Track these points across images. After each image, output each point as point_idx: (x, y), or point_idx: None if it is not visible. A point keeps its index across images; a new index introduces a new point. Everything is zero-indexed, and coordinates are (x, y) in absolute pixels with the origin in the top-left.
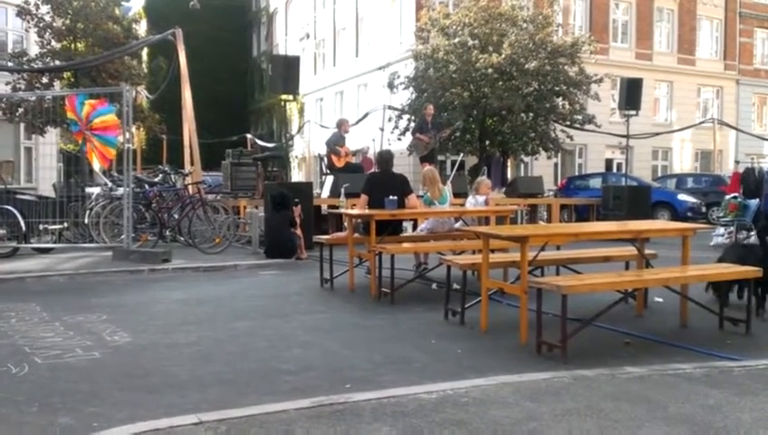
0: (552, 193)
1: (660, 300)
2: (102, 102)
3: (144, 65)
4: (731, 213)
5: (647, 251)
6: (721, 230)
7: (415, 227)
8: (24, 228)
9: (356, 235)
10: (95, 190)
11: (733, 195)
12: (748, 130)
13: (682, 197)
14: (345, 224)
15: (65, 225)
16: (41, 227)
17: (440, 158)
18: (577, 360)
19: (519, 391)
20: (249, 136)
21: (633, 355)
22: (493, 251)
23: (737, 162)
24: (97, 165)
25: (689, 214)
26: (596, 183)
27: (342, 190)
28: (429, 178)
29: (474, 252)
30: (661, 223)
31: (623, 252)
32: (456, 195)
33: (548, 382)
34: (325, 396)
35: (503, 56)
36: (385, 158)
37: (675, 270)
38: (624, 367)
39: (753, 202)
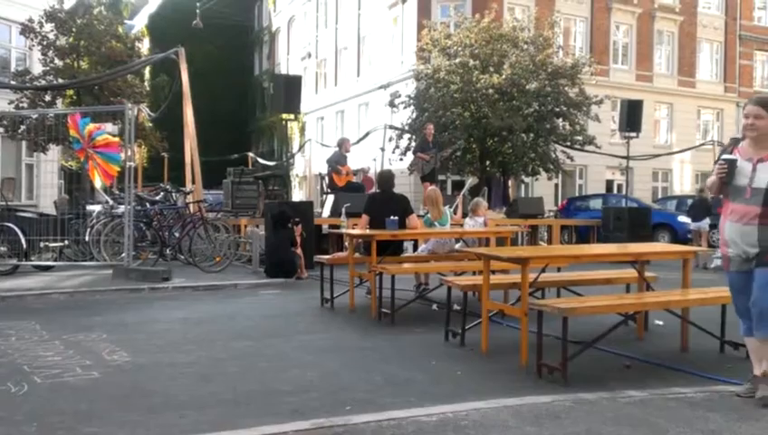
0: (552, 214)
1: (661, 323)
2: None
3: (146, 83)
4: None
5: (647, 274)
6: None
7: (416, 248)
8: (24, 246)
9: (357, 255)
10: (96, 208)
11: None
12: None
13: (682, 219)
14: (346, 244)
15: (66, 242)
16: (41, 244)
17: (441, 177)
18: (578, 383)
19: (519, 415)
20: (250, 154)
21: (634, 379)
22: (493, 272)
23: None
24: (99, 182)
25: (689, 236)
26: (596, 204)
27: (343, 210)
28: (432, 199)
29: (474, 273)
30: (662, 246)
31: (624, 274)
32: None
33: (548, 406)
34: (325, 418)
35: (503, 77)
36: (385, 178)
37: (675, 293)
38: (625, 391)
39: None
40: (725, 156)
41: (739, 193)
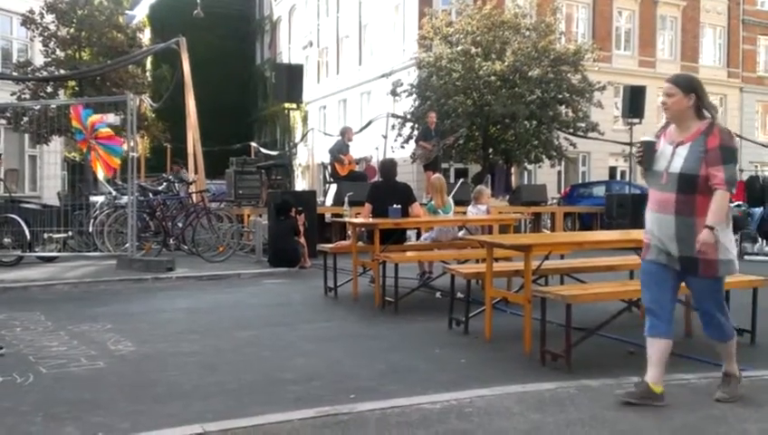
0: (555, 201)
1: None
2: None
3: (148, 74)
4: None
5: None
6: None
7: (419, 236)
8: (28, 237)
9: (360, 243)
10: (99, 199)
11: (737, 203)
12: (752, 139)
13: None
14: (349, 232)
15: (69, 233)
16: (45, 235)
17: (443, 165)
18: (581, 370)
19: (523, 402)
20: (253, 144)
21: (638, 365)
22: (496, 260)
23: (741, 171)
24: (101, 174)
25: None
26: (599, 191)
27: (346, 199)
28: (437, 187)
29: (477, 261)
30: None
31: (627, 261)
32: (459, 203)
33: (552, 393)
34: (330, 406)
35: (505, 64)
36: (388, 167)
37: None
38: (629, 377)
39: (758, 210)
40: (642, 137)
41: (656, 178)
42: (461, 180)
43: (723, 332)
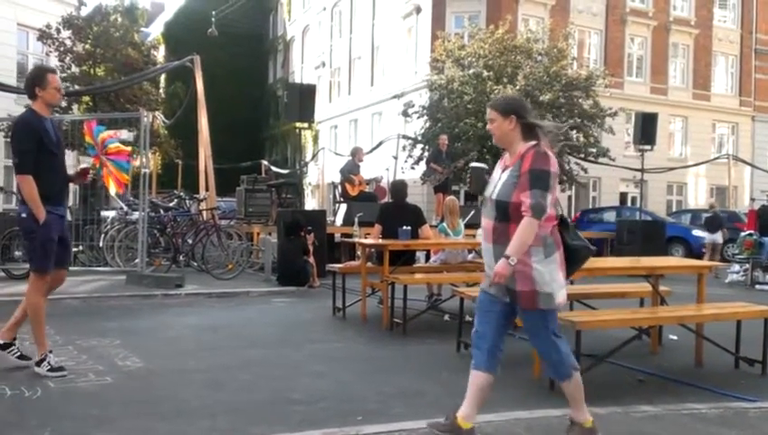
0: None
1: (675, 338)
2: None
3: (161, 91)
4: (746, 250)
5: (661, 288)
6: (736, 268)
7: (428, 258)
8: None
9: (369, 264)
10: (111, 214)
11: (748, 232)
12: (763, 167)
13: (697, 232)
14: (358, 253)
15: (80, 248)
16: None
17: (453, 188)
18: (590, 397)
19: (531, 428)
20: (264, 162)
21: (647, 393)
22: None
23: (753, 199)
24: (113, 189)
25: (704, 250)
26: (610, 217)
27: (356, 219)
28: (450, 209)
29: None
30: (676, 260)
31: (637, 288)
32: (469, 226)
33: (560, 420)
34: (336, 428)
35: (517, 88)
36: (398, 188)
37: (690, 308)
38: (637, 405)
39: None
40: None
41: (485, 204)
42: (472, 211)
43: (558, 370)
